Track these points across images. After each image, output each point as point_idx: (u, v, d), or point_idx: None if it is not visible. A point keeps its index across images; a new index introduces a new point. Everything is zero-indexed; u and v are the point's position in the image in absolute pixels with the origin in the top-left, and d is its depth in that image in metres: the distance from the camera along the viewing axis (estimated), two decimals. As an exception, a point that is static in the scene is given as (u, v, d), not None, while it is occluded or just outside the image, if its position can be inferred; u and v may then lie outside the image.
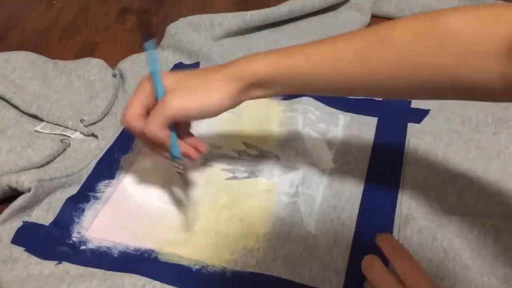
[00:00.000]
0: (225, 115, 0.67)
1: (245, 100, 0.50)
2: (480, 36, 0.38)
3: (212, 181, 0.60)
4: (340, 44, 0.45)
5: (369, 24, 0.89)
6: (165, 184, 0.60)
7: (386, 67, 0.42)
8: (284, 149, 0.63)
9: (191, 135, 0.53)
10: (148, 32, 0.49)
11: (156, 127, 0.48)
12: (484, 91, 0.40)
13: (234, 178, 0.60)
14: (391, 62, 0.42)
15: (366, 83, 0.44)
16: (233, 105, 0.49)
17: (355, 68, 0.44)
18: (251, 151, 0.63)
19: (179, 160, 0.52)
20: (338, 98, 0.70)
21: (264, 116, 0.68)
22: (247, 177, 0.60)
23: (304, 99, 0.69)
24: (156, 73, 0.49)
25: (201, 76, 0.49)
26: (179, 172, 0.53)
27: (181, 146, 0.51)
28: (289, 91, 0.48)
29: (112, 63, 0.76)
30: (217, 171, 0.61)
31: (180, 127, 0.52)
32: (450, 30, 0.39)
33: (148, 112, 0.50)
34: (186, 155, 0.52)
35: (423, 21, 0.41)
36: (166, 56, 0.78)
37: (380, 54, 0.42)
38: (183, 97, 0.48)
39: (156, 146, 0.52)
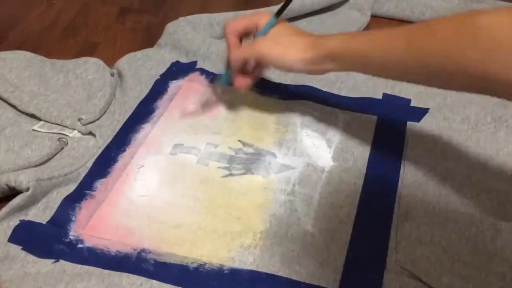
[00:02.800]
0: (222, 113, 0.67)
1: (316, 71, 0.59)
2: (509, 33, 0.40)
3: (208, 179, 0.60)
4: (396, 31, 0.51)
5: (369, 24, 0.89)
6: (163, 182, 0.60)
7: (429, 58, 0.46)
8: (281, 148, 0.63)
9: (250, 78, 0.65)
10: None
11: (239, 57, 0.62)
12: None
13: (230, 175, 0.60)
14: (434, 53, 0.46)
15: (413, 68, 0.49)
16: (305, 69, 0.58)
17: (404, 59, 0.49)
18: (248, 149, 0.63)
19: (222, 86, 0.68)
20: (338, 97, 0.70)
21: (261, 116, 0.68)
22: (243, 174, 0.60)
23: (303, 101, 0.69)
24: (272, 21, 0.61)
25: (289, 36, 0.60)
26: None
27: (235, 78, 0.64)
28: (354, 69, 0.57)
29: (112, 63, 0.76)
30: (213, 169, 0.61)
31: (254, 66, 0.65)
32: (482, 26, 0.41)
33: (242, 34, 0.63)
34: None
35: (463, 18, 0.44)
36: (162, 55, 0.78)
37: (426, 46, 0.47)
38: (269, 46, 0.60)
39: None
